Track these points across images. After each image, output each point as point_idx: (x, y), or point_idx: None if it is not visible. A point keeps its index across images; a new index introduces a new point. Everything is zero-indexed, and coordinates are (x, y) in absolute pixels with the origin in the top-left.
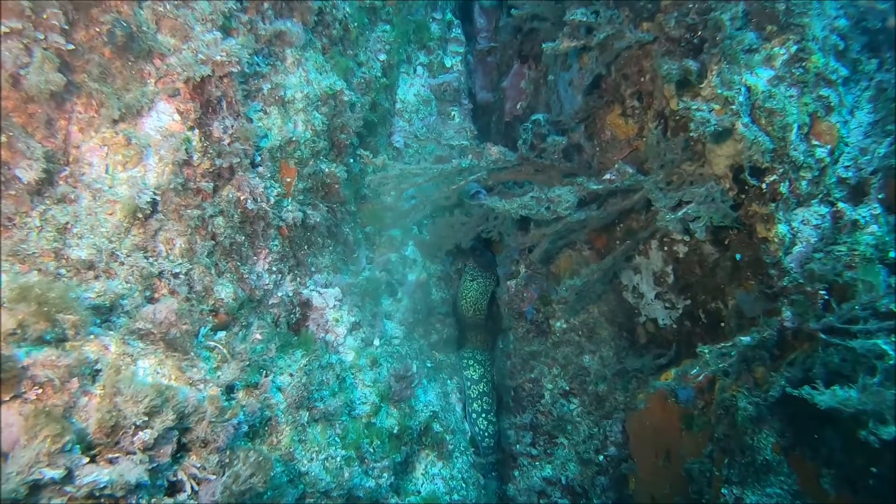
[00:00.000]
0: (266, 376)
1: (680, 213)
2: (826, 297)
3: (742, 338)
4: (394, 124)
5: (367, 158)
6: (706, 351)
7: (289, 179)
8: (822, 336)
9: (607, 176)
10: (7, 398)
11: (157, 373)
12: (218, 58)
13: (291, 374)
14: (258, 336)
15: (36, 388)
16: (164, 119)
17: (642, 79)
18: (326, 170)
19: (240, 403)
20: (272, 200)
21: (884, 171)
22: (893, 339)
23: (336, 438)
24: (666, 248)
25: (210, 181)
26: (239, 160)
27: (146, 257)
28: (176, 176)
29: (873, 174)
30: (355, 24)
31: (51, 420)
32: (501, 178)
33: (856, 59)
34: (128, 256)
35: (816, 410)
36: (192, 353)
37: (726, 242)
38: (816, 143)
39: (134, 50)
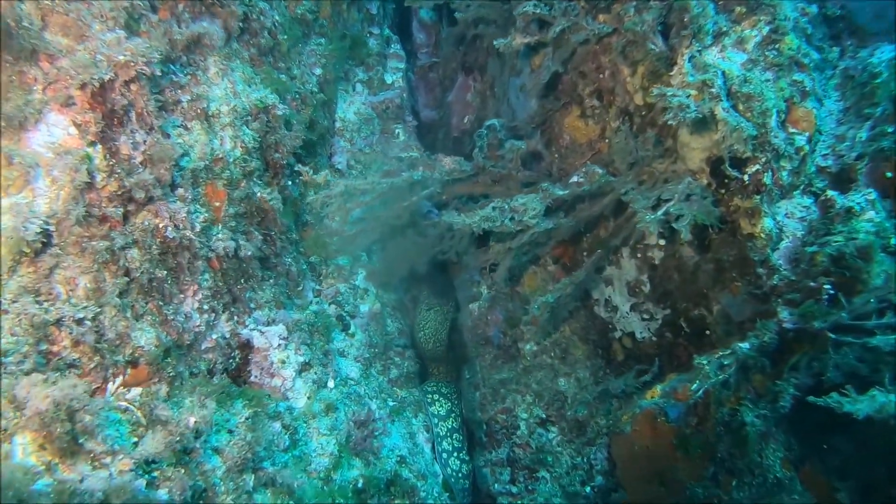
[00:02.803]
0: (198, 438)
1: (660, 213)
2: (832, 291)
3: (740, 344)
4: (334, 144)
5: (307, 175)
6: (704, 362)
7: (217, 203)
8: (832, 336)
9: (574, 179)
10: None
11: (45, 448)
12: (121, 58)
13: (231, 431)
14: (192, 420)
15: None
16: (58, 133)
17: (601, 75)
18: (260, 193)
19: (164, 477)
20: (198, 227)
21: (871, 156)
22: None
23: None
24: (639, 255)
25: (119, 206)
26: (154, 181)
27: (38, 302)
28: (75, 201)
29: (858, 159)
30: (285, 35)
31: None
32: (456, 191)
33: (819, 45)
34: (13, 302)
35: (823, 416)
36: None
37: (707, 243)
38: (794, 130)
39: (13, 49)
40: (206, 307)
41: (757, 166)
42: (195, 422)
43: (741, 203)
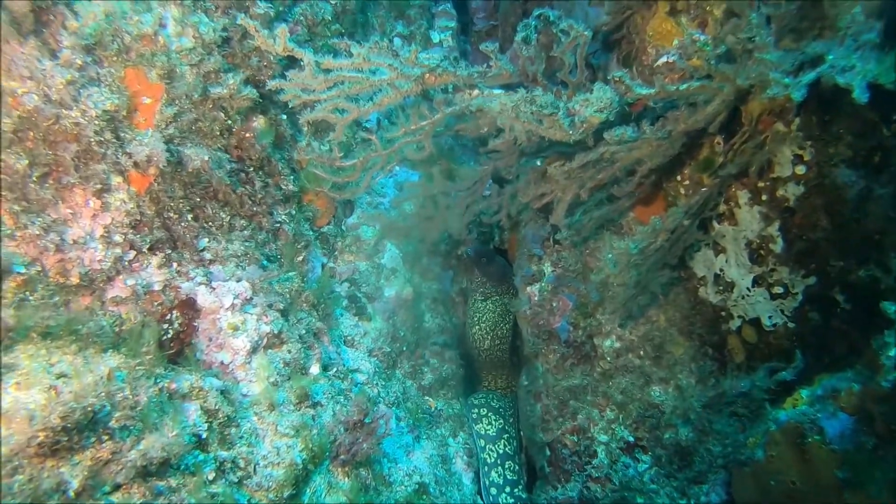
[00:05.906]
0: None
1: (813, 73)
2: None
3: None
4: None
5: (252, 28)
6: None
7: (148, 100)
8: None
9: (664, 59)
10: None
11: None
12: None
13: (47, 390)
14: None
15: None
16: None
17: None
18: (221, 92)
19: None
20: (94, 112)
21: None
22: None
23: None
24: (765, 197)
25: None
26: None
27: None
28: None
29: None
30: None
31: None
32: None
33: None
34: None
35: None
36: None
37: (876, 159)
38: None
39: None
40: (116, 238)
41: None
42: None
43: None
